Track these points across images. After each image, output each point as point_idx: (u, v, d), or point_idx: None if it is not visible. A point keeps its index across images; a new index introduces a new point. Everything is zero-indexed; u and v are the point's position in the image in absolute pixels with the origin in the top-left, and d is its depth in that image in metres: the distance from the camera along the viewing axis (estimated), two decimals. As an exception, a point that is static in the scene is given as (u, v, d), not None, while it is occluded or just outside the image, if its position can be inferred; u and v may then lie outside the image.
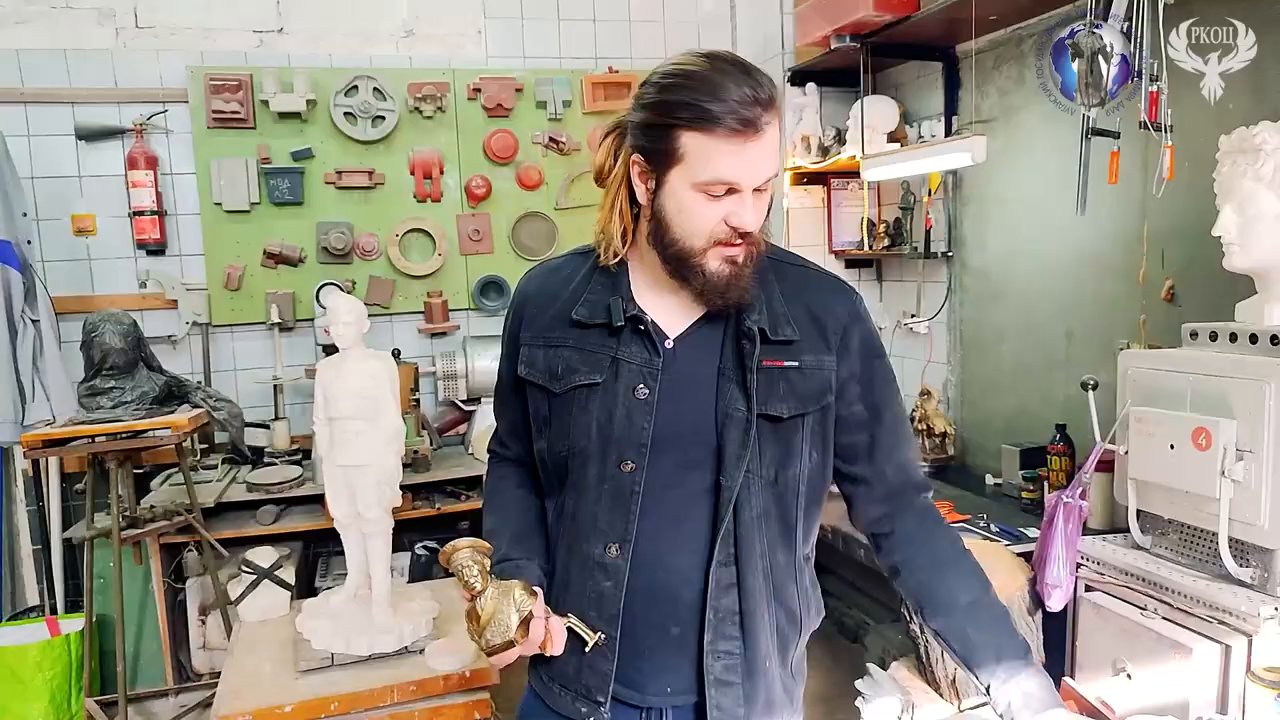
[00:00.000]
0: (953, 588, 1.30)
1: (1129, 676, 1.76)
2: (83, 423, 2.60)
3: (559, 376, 1.25)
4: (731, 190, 1.14)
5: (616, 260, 1.26)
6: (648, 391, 1.21)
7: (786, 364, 1.23)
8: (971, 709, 1.76)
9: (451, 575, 1.18)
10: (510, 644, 1.14)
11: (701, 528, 1.22)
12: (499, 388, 1.41)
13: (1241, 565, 1.70)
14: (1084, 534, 2.02)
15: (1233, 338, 1.80)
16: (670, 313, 1.25)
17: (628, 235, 1.25)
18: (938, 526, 1.35)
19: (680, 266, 1.19)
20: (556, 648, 1.19)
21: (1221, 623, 1.67)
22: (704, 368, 1.23)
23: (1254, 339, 1.75)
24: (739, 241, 1.16)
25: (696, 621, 1.22)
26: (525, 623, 1.15)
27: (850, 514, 1.39)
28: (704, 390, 1.22)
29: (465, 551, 1.15)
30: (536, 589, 1.20)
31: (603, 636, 1.21)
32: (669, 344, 1.24)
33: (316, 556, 3.37)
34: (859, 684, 1.65)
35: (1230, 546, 1.69)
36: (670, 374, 1.22)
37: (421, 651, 2.22)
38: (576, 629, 1.19)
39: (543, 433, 1.29)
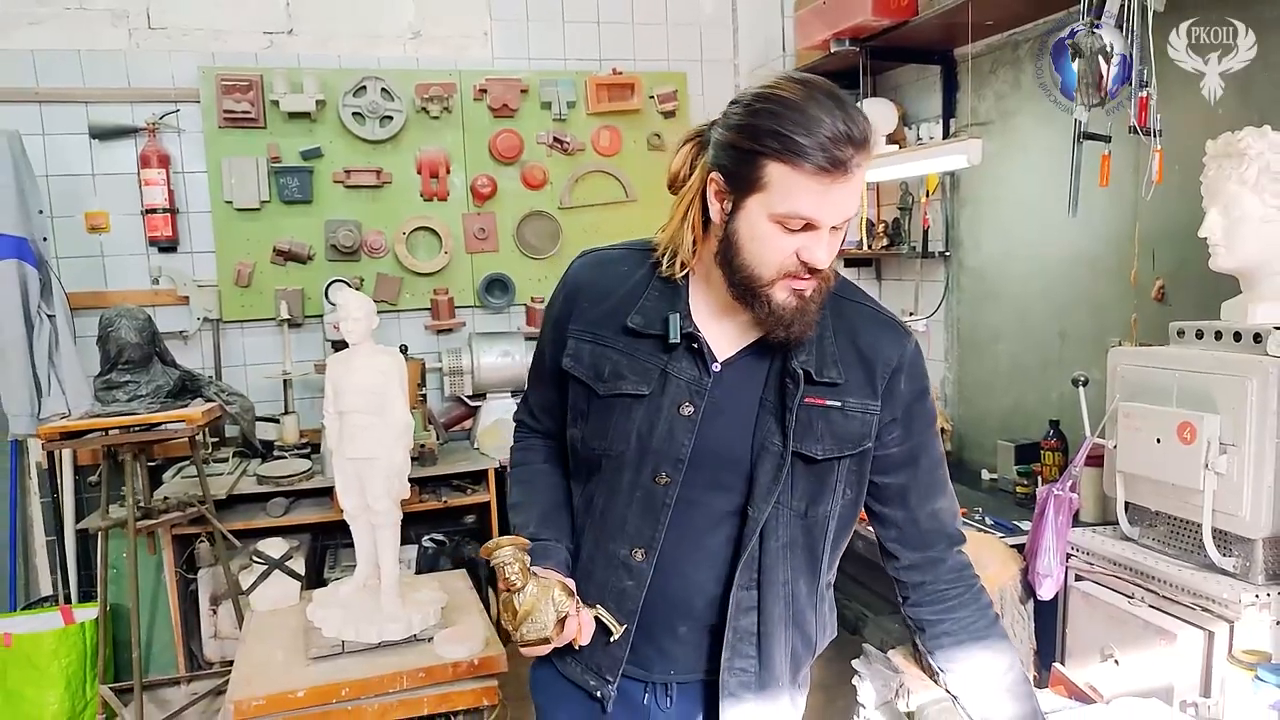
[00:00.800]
0: (977, 667, 1.30)
1: (1116, 662, 1.82)
2: (100, 415, 2.66)
3: (604, 379, 1.24)
4: (809, 226, 1.10)
5: (683, 273, 1.24)
6: (692, 409, 1.20)
7: (829, 403, 1.21)
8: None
9: (476, 564, 1.23)
10: (546, 640, 1.20)
11: (723, 545, 1.24)
12: (536, 366, 1.41)
13: (1224, 555, 1.75)
14: (1075, 526, 2.07)
15: (1218, 336, 1.86)
16: (723, 335, 1.24)
17: (696, 247, 1.22)
18: (968, 591, 1.32)
19: (745, 292, 1.16)
20: (585, 639, 1.24)
21: (1205, 610, 1.72)
22: (747, 395, 1.22)
23: (1237, 337, 1.80)
24: (808, 276, 1.13)
25: (705, 624, 1.27)
26: (561, 621, 1.20)
27: (880, 552, 1.36)
28: (744, 418, 1.22)
29: (508, 549, 1.19)
30: (572, 587, 1.24)
31: (626, 627, 1.26)
32: (717, 367, 1.22)
33: (325, 548, 3.43)
34: (855, 663, 1.70)
35: (1214, 537, 1.75)
36: (715, 396, 1.21)
37: (430, 640, 2.26)
38: (604, 619, 1.25)
39: (578, 424, 1.29)
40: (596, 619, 1.24)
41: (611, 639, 1.25)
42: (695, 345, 1.22)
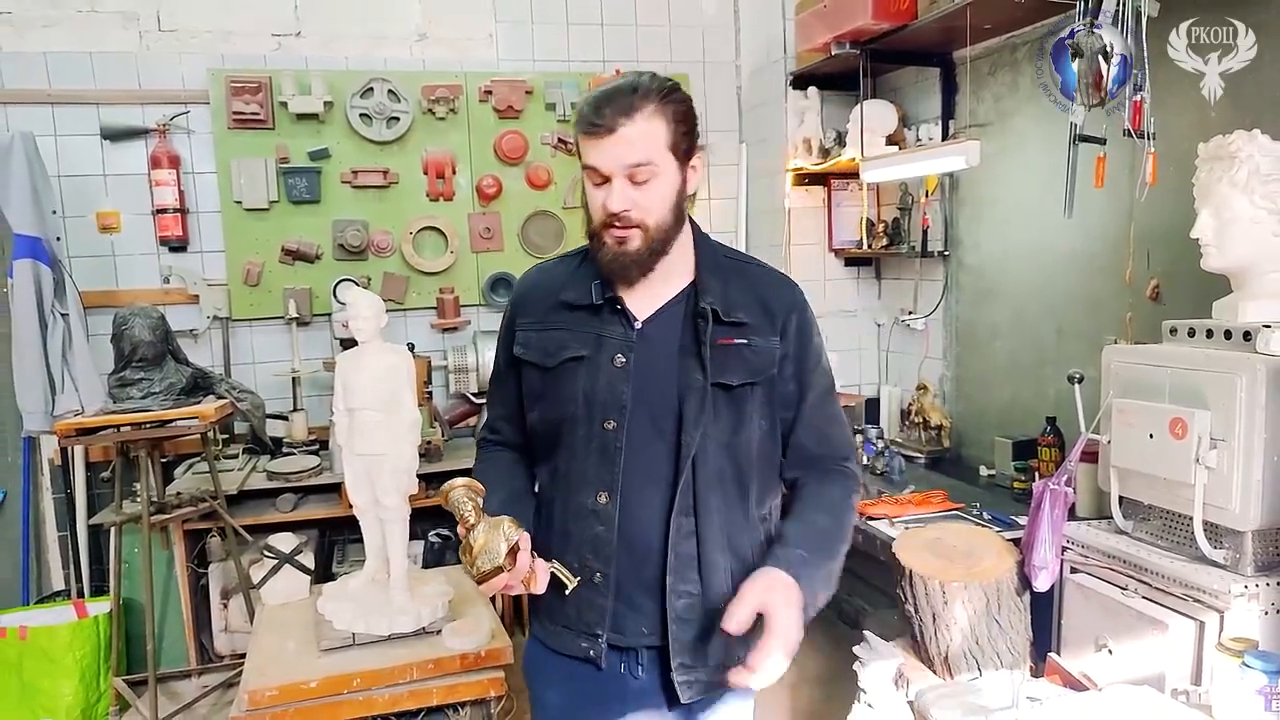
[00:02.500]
0: (801, 506, 1.49)
1: (1110, 652, 1.86)
2: (114, 412, 2.71)
3: (551, 353, 1.45)
4: (605, 179, 1.34)
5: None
6: (624, 360, 1.41)
7: (738, 341, 1.43)
8: (964, 683, 1.86)
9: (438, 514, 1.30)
10: (499, 569, 1.27)
11: (666, 483, 1.40)
12: (494, 378, 1.61)
13: (1215, 547, 1.79)
14: (1071, 520, 2.11)
15: (1209, 334, 1.90)
16: (641, 300, 1.45)
17: None
18: (828, 475, 1.52)
19: (591, 242, 1.42)
20: (539, 586, 1.34)
21: (1196, 600, 1.76)
22: (668, 345, 1.43)
23: (1228, 335, 1.84)
24: (618, 225, 1.35)
25: (662, 566, 1.40)
26: (513, 552, 1.28)
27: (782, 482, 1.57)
28: (668, 364, 1.42)
29: (460, 490, 1.31)
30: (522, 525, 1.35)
31: (584, 579, 1.38)
32: (638, 324, 1.44)
33: (333, 544, 3.47)
34: (857, 649, 1.75)
35: (1204, 529, 1.79)
36: (641, 349, 1.42)
37: (438, 632, 2.30)
38: (558, 574, 1.34)
39: (535, 406, 1.49)
40: (552, 574, 1.33)
41: (567, 590, 1.36)
42: (619, 307, 1.43)
